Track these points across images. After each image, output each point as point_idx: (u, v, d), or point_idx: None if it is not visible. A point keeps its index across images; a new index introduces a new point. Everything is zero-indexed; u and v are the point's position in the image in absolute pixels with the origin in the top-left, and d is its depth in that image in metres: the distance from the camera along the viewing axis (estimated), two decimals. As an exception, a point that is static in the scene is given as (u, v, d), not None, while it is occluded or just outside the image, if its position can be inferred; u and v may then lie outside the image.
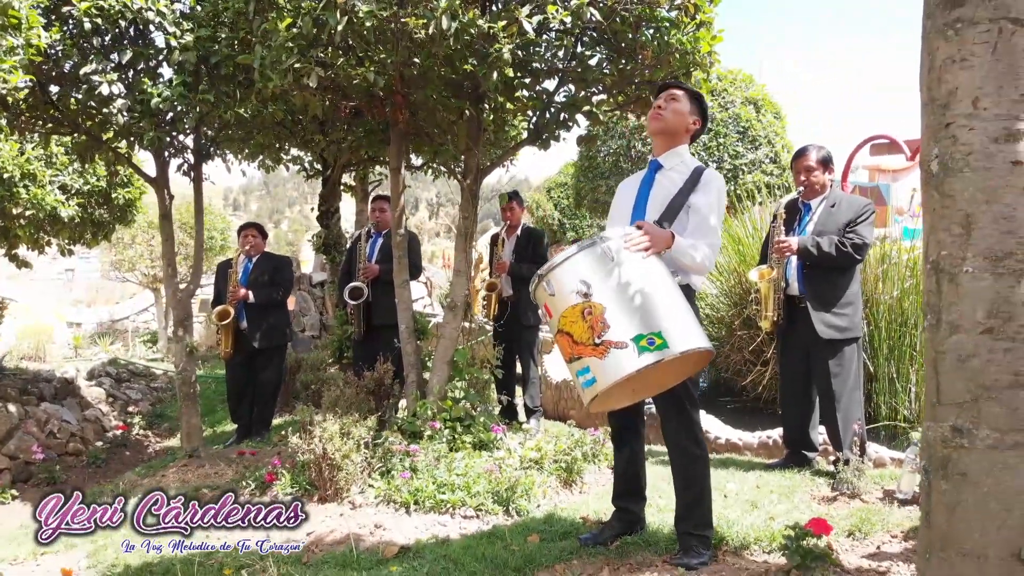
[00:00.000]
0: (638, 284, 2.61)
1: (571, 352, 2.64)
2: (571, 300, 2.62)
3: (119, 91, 4.98)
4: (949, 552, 1.33)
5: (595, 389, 2.59)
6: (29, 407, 6.75)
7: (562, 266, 2.67)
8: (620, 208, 3.28)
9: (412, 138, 5.49)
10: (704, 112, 3.24)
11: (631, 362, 2.52)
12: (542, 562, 3.13)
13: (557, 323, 2.68)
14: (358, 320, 6.36)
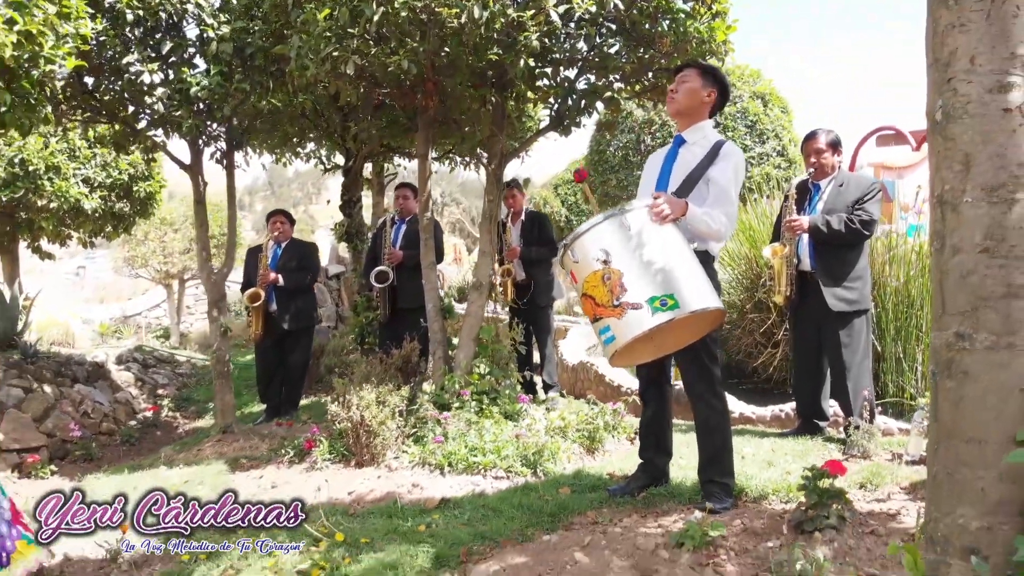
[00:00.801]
0: (653, 250, 2.88)
1: (593, 313, 2.92)
2: (593, 266, 2.90)
3: (159, 80, 5.22)
4: (954, 441, 1.56)
5: (615, 345, 2.89)
6: (64, 388, 6.99)
7: (585, 235, 2.95)
8: (646, 180, 3.52)
9: (439, 125, 5.72)
10: (719, 81, 3.42)
11: (646, 321, 2.80)
12: (574, 509, 3.37)
13: (581, 287, 2.95)
14: (384, 303, 6.62)
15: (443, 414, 4.77)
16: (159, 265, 17.92)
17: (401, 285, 6.54)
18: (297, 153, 10.56)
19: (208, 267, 6.05)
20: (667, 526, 3.01)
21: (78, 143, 9.87)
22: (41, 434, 6.36)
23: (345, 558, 2.99)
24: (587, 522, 3.22)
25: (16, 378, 6.61)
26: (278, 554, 3.10)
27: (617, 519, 3.21)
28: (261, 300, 6.23)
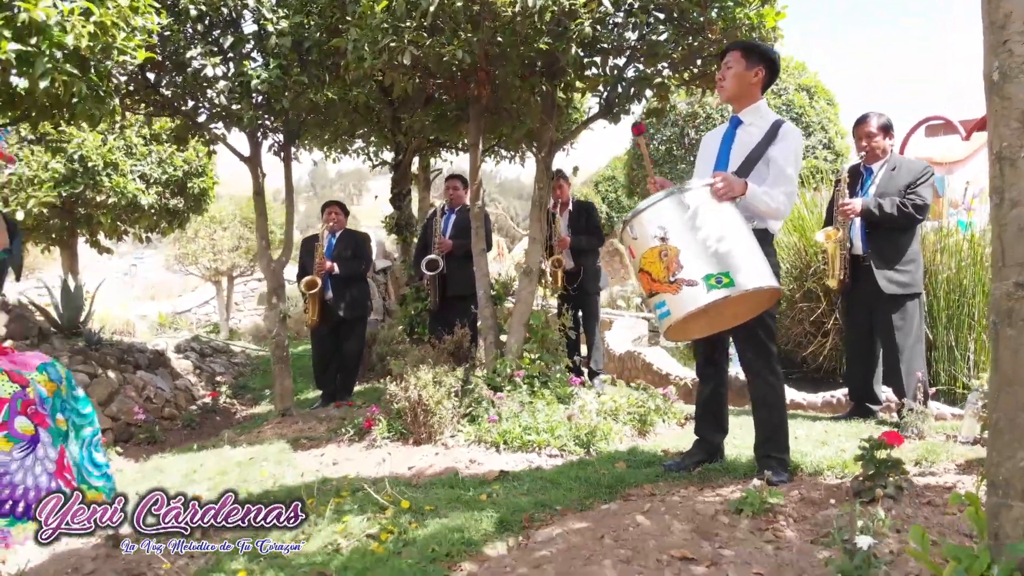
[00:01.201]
0: (711, 229, 2.96)
1: (650, 288, 3.01)
2: (651, 243, 2.98)
3: (221, 73, 5.42)
4: (1015, 387, 1.62)
5: (669, 320, 2.98)
6: (127, 374, 7.26)
7: (644, 213, 3.02)
8: (703, 161, 3.59)
9: (489, 115, 5.84)
10: (765, 57, 3.45)
11: (700, 298, 2.88)
12: (631, 482, 3.45)
13: (639, 263, 3.04)
14: (434, 291, 6.77)
15: (497, 395, 4.88)
16: (208, 262, 18.37)
17: (451, 273, 6.68)
18: (346, 149, 10.83)
19: (267, 256, 6.25)
20: (725, 495, 3.08)
21: (135, 140, 10.21)
22: (106, 417, 6.62)
23: (412, 523, 3.12)
24: (644, 494, 3.30)
25: (81, 364, 6.88)
26: (347, 519, 3.25)
27: (674, 491, 3.29)
28: (318, 288, 6.41)
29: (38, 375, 2.12)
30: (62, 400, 2.16)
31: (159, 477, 4.72)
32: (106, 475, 2.24)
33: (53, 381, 2.15)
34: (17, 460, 2.00)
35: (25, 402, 2.05)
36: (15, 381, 2.06)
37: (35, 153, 9.22)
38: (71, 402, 2.19)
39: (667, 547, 2.50)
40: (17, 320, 6.71)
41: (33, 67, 3.74)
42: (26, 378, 2.08)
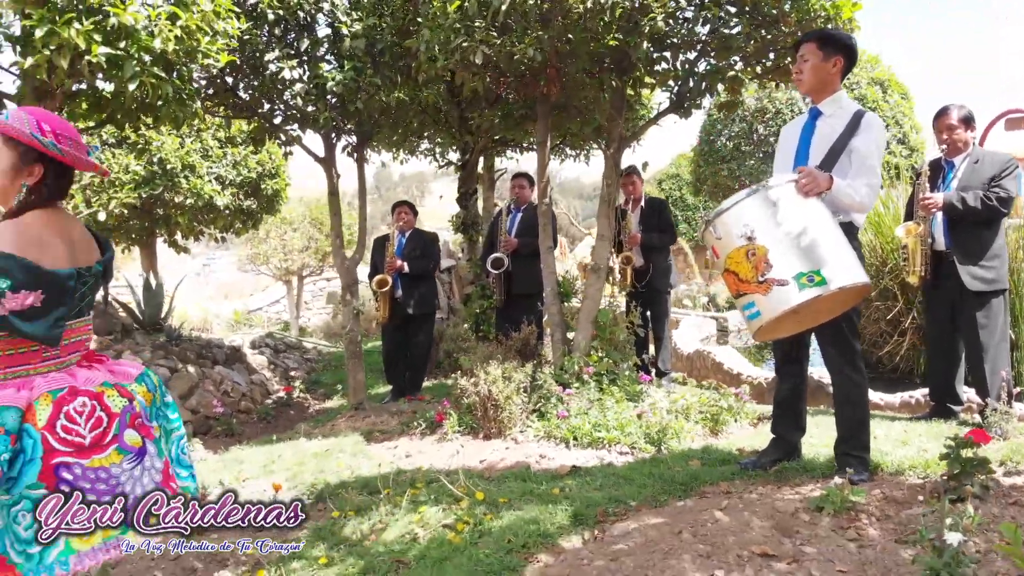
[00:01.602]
0: (799, 226, 2.89)
1: (737, 288, 2.95)
2: (736, 243, 2.93)
3: (299, 75, 5.57)
4: None
5: (759, 321, 2.92)
6: (205, 369, 7.52)
7: (728, 212, 2.97)
8: (783, 155, 3.53)
9: (558, 113, 5.86)
10: (842, 45, 3.34)
11: (792, 297, 2.82)
12: (705, 480, 3.42)
13: (723, 263, 2.98)
14: (499, 289, 6.83)
15: (565, 391, 4.90)
16: (279, 262, 18.85)
17: (516, 271, 6.72)
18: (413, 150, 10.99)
19: (341, 254, 6.39)
20: (805, 494, 3.03)
21: (211, 143, 10.57)
22: (187, 410, 6.86)
23: (486, 515, 3.16)
24: (720, 491, 3.27)
25: (163, 359, 7.15)
26: (424, 509, 3.31)
27: (751, 489, 3.25)
28: (388, 286, 6.53)
29: (138, 386, 2.21)
30: (156, 408, 2.25)
31: (239, 468, 4.88)
32: (192, 475, 2.33)
33: (150, 391, 2.24)
34: (127, 471, 2.08)
35: (133, 415, 2.14)
36: (123, 395, 2.15)
37: (116, 156, 9.60)
38: (162, 409, 2.29)
39: (747, 543, 2.47)
40: (101, 316, 7.01)
41: (122, 70, 3.91)
42: (131, 391, 2.17)
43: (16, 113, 2.06)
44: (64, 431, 1.98)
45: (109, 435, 2.05)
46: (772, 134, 12.12)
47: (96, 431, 2.03)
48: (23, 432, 1.93)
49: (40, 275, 1.97)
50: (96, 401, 2.07)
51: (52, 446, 1.94)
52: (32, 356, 2.04)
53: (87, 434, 2.01)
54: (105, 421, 2.06)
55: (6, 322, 1.92)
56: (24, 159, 2.07)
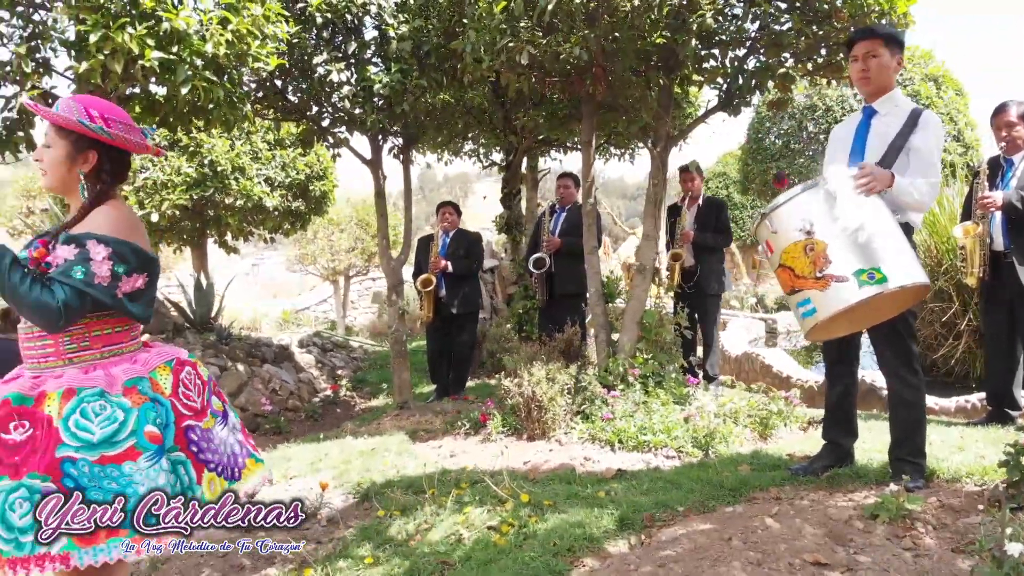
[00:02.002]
0: (859, 222, 2.81)
1: (792, 285, 2.88)
2: (793, 237, 2.85)
3: (346, 78, 5.63)
4: None
5: (815, 319, 2.83)
6: (254, 367, 7.65)
7: (785, 206, 2.90)
8: (836, 153, 3.44)
9: (603, 112, 5.81)
10: (900, 42, 3.30)
11: (851, 294, 2.73)
12: (755, 485, 3.35)
13: (778, 258, 2.91)
14: (542, 289, 6.82)
15: (610, 393, 4.85)
16: (327, 263, 19.10)
17: (558, 271, 6.70)
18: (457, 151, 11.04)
19: (387, 255, 6.44)
20: (858, 500, 2.95)
21: (260, 145, 10.74)
22: (236, 408, 6.98)
23: (531, 517, 3.14)
24: (770, 497, 3.21)
25: (213, 357, 7.29)
26: (468, 510, 3.31)
27: (802, 495, 3.18)
28: (433, 285, 6.56)
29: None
30: None
31: (286, 465, 4.94)
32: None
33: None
34: (219, 433, 2.22)
35: (214, 383, 2.35)
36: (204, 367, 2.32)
37: (169, 159, 9.81)
38: None
39: (799, 551, 2.41)
40: (154, 315, 7.17)
41: (175, 74, 3.99)
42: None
43: (64, 102, 2.13)
44: (185, 397, 2.14)
45: (205, 400, 2.22)
46: (822, 132, 11.86)
47: (201, 397, 2.20)
48: (155, 400, 2.06)
49: (147, 259, 2.10)
50: (195, 370, 2.25)
51: (180, 411, 2.10)
52: (124, 335, 2.16)
53: (197, 399, 2.18)
54: (202, 388, 2.23)
55: (119, 304, 2.03)
56: (77, 147, 2.14)
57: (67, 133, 2.13)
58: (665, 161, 5.35)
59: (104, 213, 2.10)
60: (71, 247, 2.00)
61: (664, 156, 5.32)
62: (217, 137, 10.26)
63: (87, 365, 2.06)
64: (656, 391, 4.98)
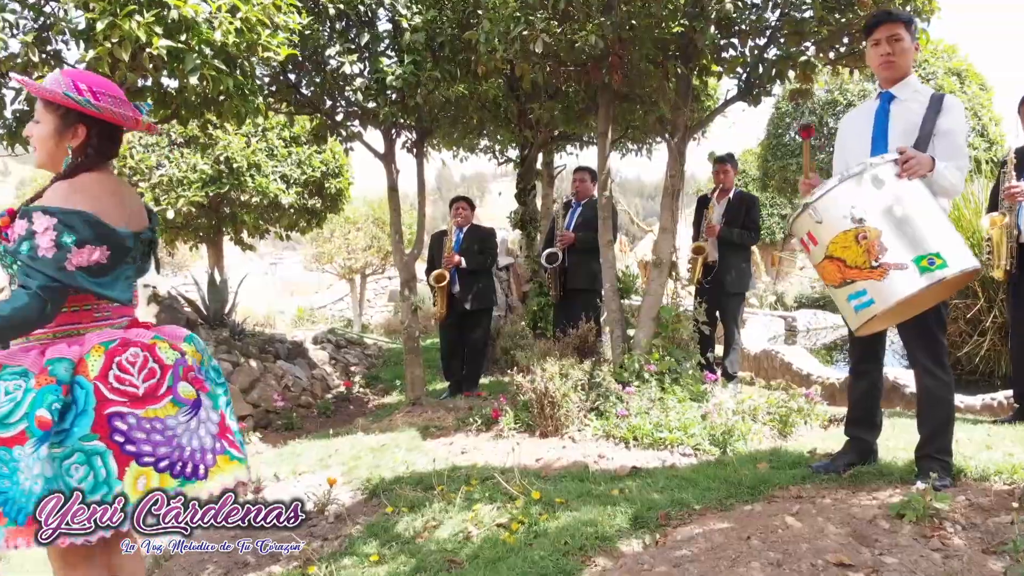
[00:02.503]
0: (911, 207, 2.69)
1: (842, 276, 2.75)
2: (842, 226, 2.72)
3: (359, 70, 5.55)
4: None
5: (872, 310, 2.70)
6: (267, 364, 7.61)
7: (831, 193, 2.77)
8: (854, 142, 3.31)
9: (620, 103, 5.70)
10: (915, 26, 3.25)
11: (912, 282, 2.62)
12: (775, 483, 3.23)
13: (825, 250, 2.78)
14: (555, 284, 6.73)
15: (625, 389, 4.74)
16: (343, 261, 19.10)
17: (571, 267, 6.60)
18: (473, 148, 10.95)
19: (400, 250, 6.37)
20: (883, 499, 2.83)
21: (276, 142, 10.71)
22: (247, 404, 6.94)
23: (542, 515, 3.05)
24: (790, 495, 3.09)
25: (225, 353, 7.25)
26: (478, 507, 3.22)
27: (824, 493, 3.06)
28: (446, 281, 6.48)
29: (187, 345, 2.21)
30: (205, 370, 2.24)
31: (296, 461, 4.88)
32: (241, 442, 2.30)
33: (199, 352, 2.24)
34: (183, 423, 2.09)
35: (186, 368, 2.16)
36: (175, 349, 2.15)
37: (184, 155, 9.80)
38: (210, 372, 2.27)
39: (821, 551, 2.30)
40: (167, 311, 7.15)
41: (183, 63, 3.92)
42: (182, 347, 2.17)
43: (52, 76, 2.07)
44: (117, 381, 1.98)
45: (163, 386, 2.05)
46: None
47: (150, 381, 2.03)
48: (75, 383, 1.94)
49: (104, 231, 1.98)
50: (148, 352, 2.07)
51: (105, 396, 1.95)
52: (84, 315, 2.05)
53: (140, 384, 2.01)
54: (158, 372, 2.06)
55: (73, 279, 1.93)
56: (65, 121, 2.08)
57: (55, 107, 2.06)
58: (683, 152, 5.23)
59: (62, 184, 2.02)
60: (24, 221, 1.93)
61: (681, 147, 5.20)
62: (233, 134, 10.24)
63: (33, 344, 2.00)
64: (672, 388, 4.86)
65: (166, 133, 10.22)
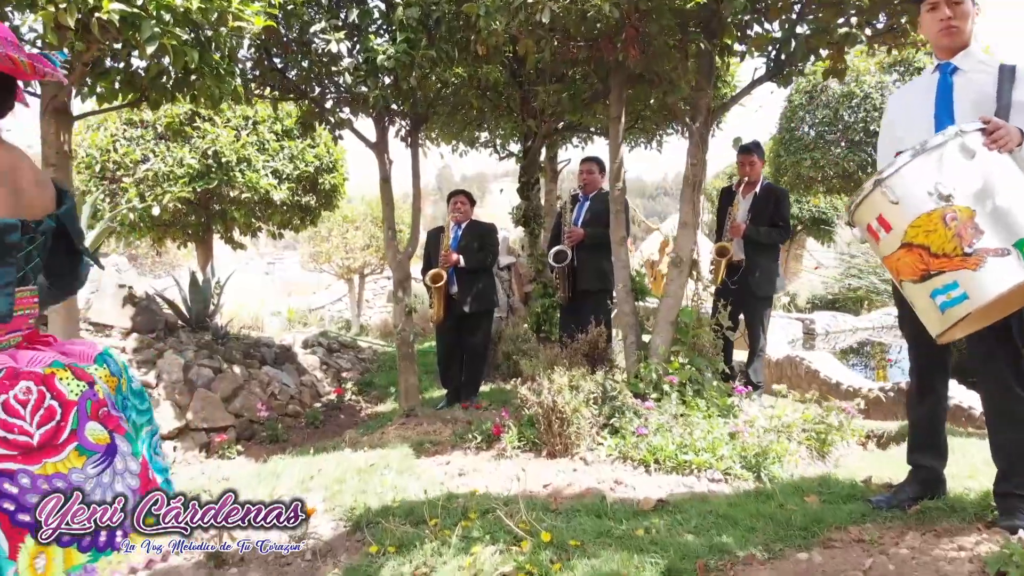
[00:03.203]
0: (1009, 182, 2.22)
1: (925, 267, 2.25)
2: (926, 206, 2.25)
3: (347, 49, 5.05)
4: None
5: (966, 308, 2.21)
6: (252, 370, 7.08)
7: (909, 166, 2.28)
8: (910, 121, 2.82)
9: (634, 84, 5.19)
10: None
11: (1016, 272, 2.15)
12: (829, 522, 2.72)
13: (901, 236, 2.28)
14: (563, 285, 6.22)
15: (646, 402, 4.23)
16: (341, 260, 18.66)
17: (580, 266, 6.09)
18: (473, 142, 10.45)
19: (394, 246, 5.85)
20: (969, 548, 2.31)
21: (267, 136, 10.20)
22: (229, 414, 6.43)
23: (554, 562, 2.53)
24: (850, 539, 2.57)
25: (207, 358, 6.73)
26: (477, 550, 2.70)
27: (892, 538, 2.54)
28: (443, 281, 5.96)
29: (98, 368, 1.68)
30: (123, 397, 1.73)
31: (274, 482, 4.36)
32: (167, 480, 1.84)
33: (114, 375, 1.73)
34: (92, 478, 1.61)
35: (95, 404, 1.65)
36: (80, 378, 1.62)
37: (170, 149, 9.30)
38: (130, 398, 1.76)
39: (918, 631, 1.79)
40: (144, 312, 6.63)
41: (140, 31, 3.40)
42: (90, 374, 1.65)
43: None
44: (4, 428, 1.50)
45: (65, 431, 1.59)
46: (860, 121, 11.14)
47: (47, 426, 1.56)
48: None
49: None
50: (44, 386, 1.58)
51: None
52: None
53: (35, 431, 1.54)
54: (58, 412, 1.58)
55: None
56: None
57: None
58: (705, 137, 4.70)
59: None
60: None
61: (704, 132, 4.68)
62: (222, 127, 9.75)
63: None
64: (695, 401, 4.35)
65: (152, 126, 9.75)
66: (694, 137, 4.67)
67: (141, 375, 6.10)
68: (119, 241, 12.91)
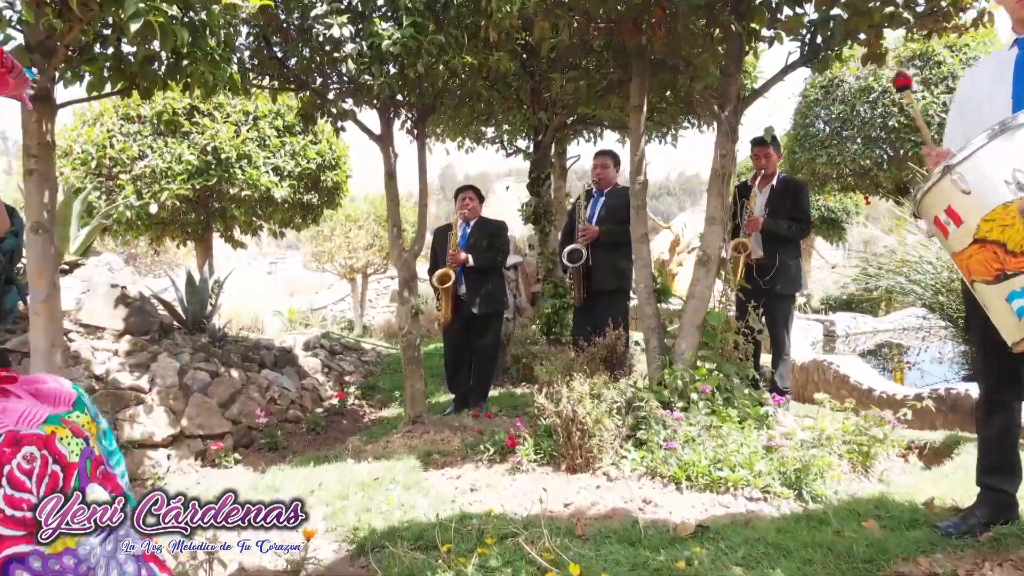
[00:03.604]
0: None
1: (1000, 267, 1.96)
2: (1001, 196, 1.96)
3: (349, 34, 4.74)
4: None
5: None
6: (251, 373, 6.78)
7: (984, 150, 1.98)
8: (985, 101, 2.50)
9: (657, 72, 4.88)
10: None
11: None
12: (895, 553, 2.41)
13: (973, 231, 1.98)
14: (578, 285, 5.92)
15: (676, 413, 3.92)
16: (344, 260, 18.40)
17: (596, 265, 5.78)
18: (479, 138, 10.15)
19: (399, 245, 5.54)
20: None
21: (268, 131, 9.90)
22: (226, 420, 6.14)
23: (586, 602, 2.22)
24: (921, 573, 2.26)
25: (203, 362, 6.44)
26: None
27: (966, 570, 2.23)
28: (451, 282, 5.65)
29: (79, 416, 1.42)
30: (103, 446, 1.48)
31: (272, 496, 4.05)
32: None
33: (93, 420, 1.47)
34: (97, 547, 1.36)
35: (94, 462, 1.49)
36: (77, 435, 1.40)
37: (168, 145, 9.02)
38: (102, 439, 1.49)
39: None
40: (138, 313, 6.33)
41: (123, 6, 3.10)
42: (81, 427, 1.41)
43: None
44: (11, 505, 1.27)
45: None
46: (878, 117, 10.81)
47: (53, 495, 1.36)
48: None
49: None
50: (46, 449, 1.35)
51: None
52: None
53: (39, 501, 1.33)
54: (61, 478, 1.37)
55: None
56: None
57: None
58: (734, 127, 4.38)
59: None
60: None
61: (733, 121, 4.36)
62: (221, 122, 9.46)
63: None
64: (726, 411, 4.04)
65: (150, 122, 9.46)
66: (723, 127, 4.35)
67: (134, 379, 5.80)
68: (116, 240, 12.65)
